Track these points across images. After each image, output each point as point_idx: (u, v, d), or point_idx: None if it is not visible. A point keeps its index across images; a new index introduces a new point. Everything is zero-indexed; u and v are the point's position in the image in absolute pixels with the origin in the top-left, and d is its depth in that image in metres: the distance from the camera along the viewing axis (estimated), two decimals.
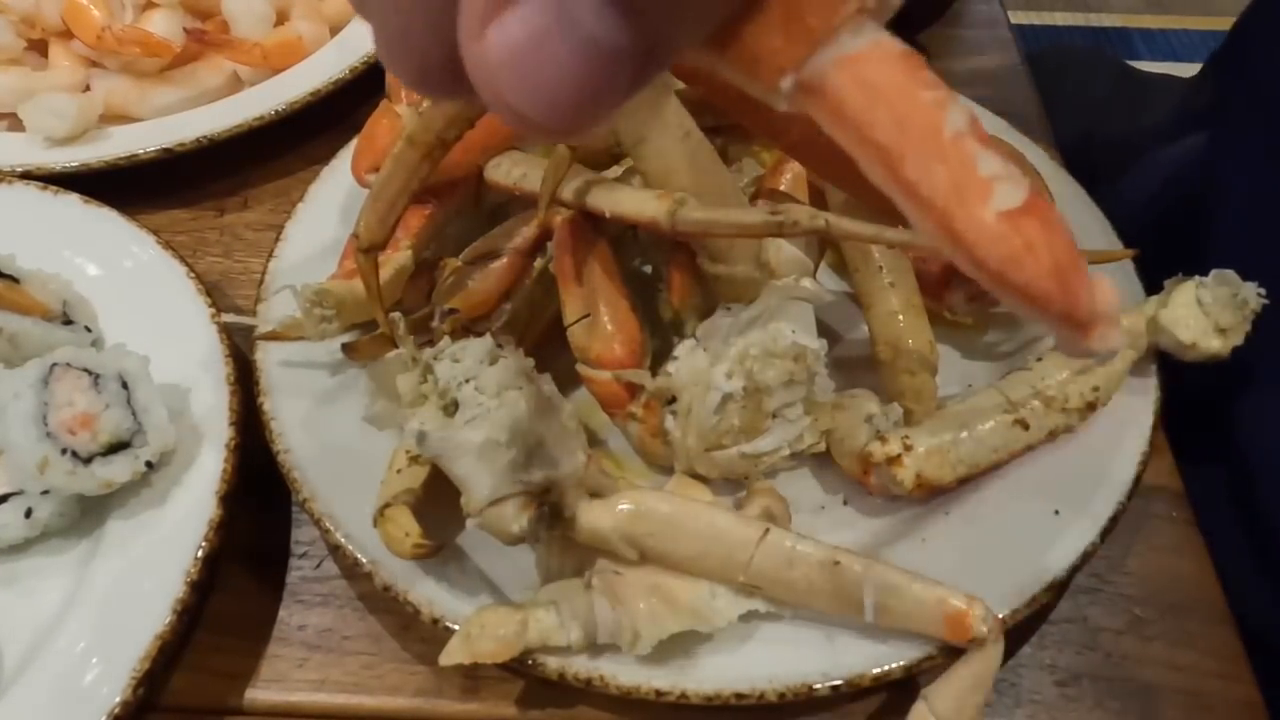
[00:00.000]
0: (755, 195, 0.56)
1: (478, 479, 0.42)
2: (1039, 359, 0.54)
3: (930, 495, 0.50)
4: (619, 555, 0.45)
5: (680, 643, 0.44)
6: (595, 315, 0.50)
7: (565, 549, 0.46)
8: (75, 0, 0.72)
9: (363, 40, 0.76)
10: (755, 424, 0.49)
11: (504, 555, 0.48)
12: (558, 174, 0.49)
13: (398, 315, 0.48)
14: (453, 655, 0.42)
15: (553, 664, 0.44)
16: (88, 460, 0.48)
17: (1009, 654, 0.48)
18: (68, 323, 0.56)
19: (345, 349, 0.53)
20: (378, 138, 0.59)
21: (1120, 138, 0.89)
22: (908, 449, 0.48)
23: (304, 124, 0.71)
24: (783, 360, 0.48)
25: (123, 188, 0.65)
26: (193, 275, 0.58)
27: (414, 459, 0.47)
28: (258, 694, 0.48)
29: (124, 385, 0.50)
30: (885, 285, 0.53)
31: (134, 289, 0.58)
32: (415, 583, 0.47)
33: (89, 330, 0.56)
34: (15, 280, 0.55)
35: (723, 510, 0.47)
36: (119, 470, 0.48)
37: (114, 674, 0.44)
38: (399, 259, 0.54)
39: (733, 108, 0.49)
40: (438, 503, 0.47)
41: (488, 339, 0.45)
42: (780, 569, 0.44)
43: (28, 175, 0.65)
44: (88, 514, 0.50)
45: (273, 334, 0.54)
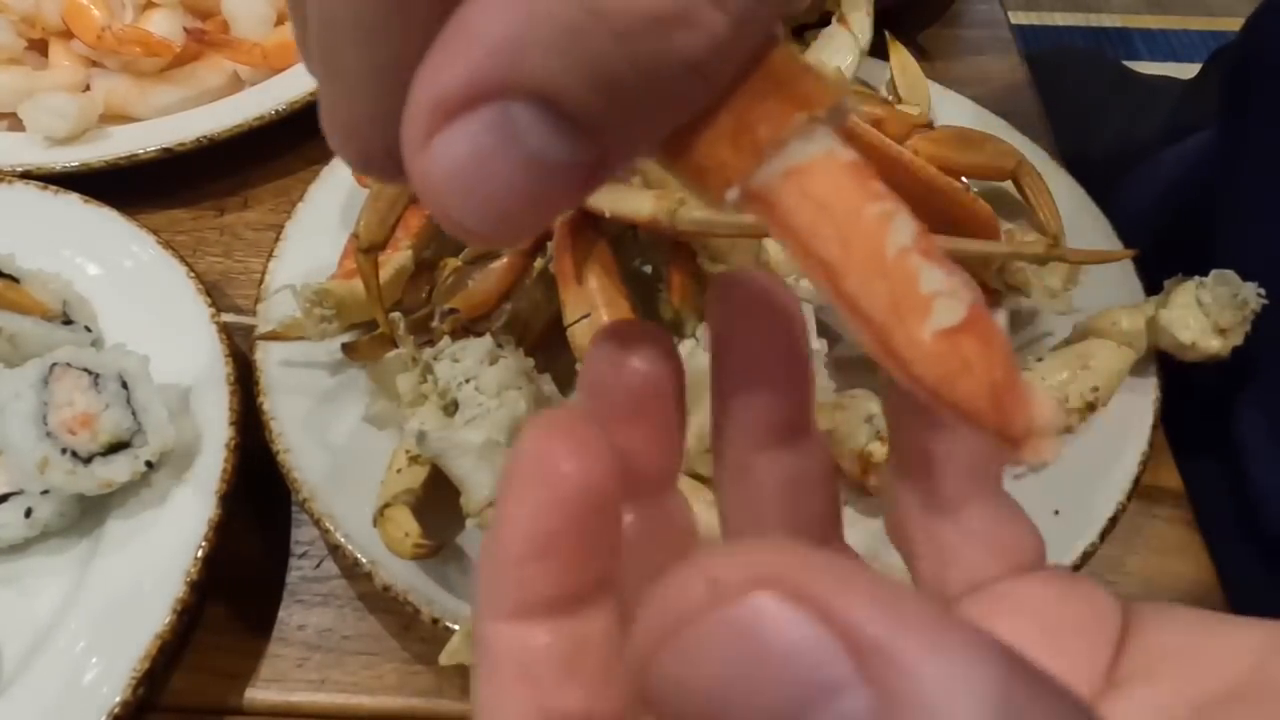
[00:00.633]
0: None
1: (478, 479, 0.42)
2: (1039, 359, 0.54)
3: None
4: None
5: None
6: (595, 315, 0.50)
7: None
8: (75, 0, 0.72)
9: None
10: None
11: None
12: None
13: (398, 315, 0.48)
14: (453, 655, 0.42)
15: None
16: (88, 460, 0.48)
17: None
18: (68, 323, 0.56)
19: (345, 349, 0.53)
20: None
21: (1120, 138, 0.89)
22: None
23: (304, 124, 0.71)
24: None
25: (123, 188, 0.65)
26: (193, 275, 0.58)
27: (414, 459, 0.47)
28: (258, 694, 0.48)
29: (124, 385, 0.50)
30: None
31: (134, 289, 0.58)
32: (415, 583, 0.47)
33: (89, 330, 0.56)
34: (15, 280, 0.55)
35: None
36: (119, 470, 0.48)
37: (114, 674, 0.44)
38: (399, 259, 0.54)
39: None
40: (438, 503, 0.47)
41: (488, 339, 0.45)
42: None
43: (28, 175, 0.65)
44: (88, 514, 0.50)
45: (273, 334, 0.54)
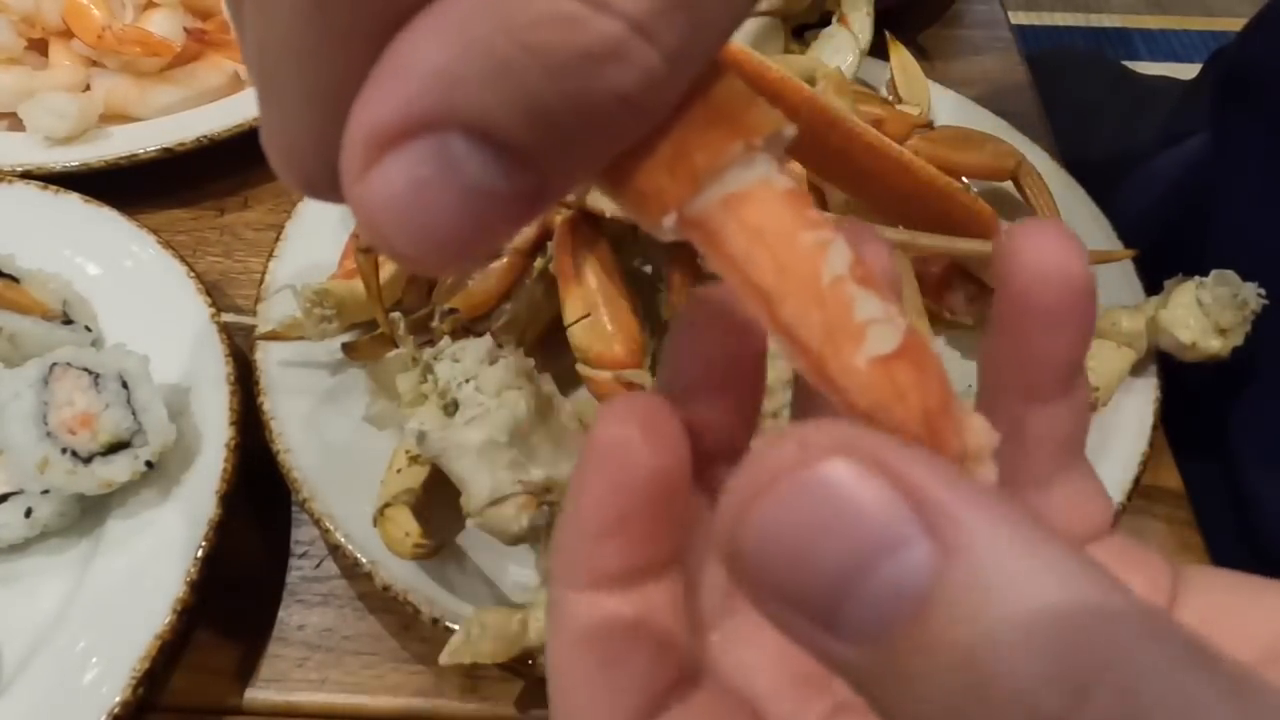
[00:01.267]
0: None
1: (478, 479, 0.42)
2: None
3: None
4: None
5: None
6: (595, 315, 0.50)
7: None
8: (75, 0, 0.72)
9: None
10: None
11: (504, 555, 0.48)
12: None
13: (398, 315, 0.48)
14: (453, 655, 0.42)
15: None
16: (88, 460, 0.48)
17: None
18: (68, 322, 0.56)
19: (345, 349, 0.53)
20: None
21: (1119, 139, 0.89)
22: None
23: None
24: (782, 360, 0.48)
25: (123, 188, 0.65)
26: (193, 275, 0.58)
27: (414, 459, 0.47)
28: (257, 694, 0.48)
29: (124, 385, 0.50)
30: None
31: (134, 289, 0.58)
32: (415, 583, 0.47)
33: (89, 330, 0.56)
34: (15, 280, 0.55)
35: None
36: (119, 470, 0.48)
37: (114, 673, 0.44)
38: None
39: None
40: (438, 503, 0.47)
41: (488, 339, 0.45)
42: None
43: (28, 175, 0.65)
44: (88, 514, 0.50)
45: (273, 334, 0.54)
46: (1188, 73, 0.95)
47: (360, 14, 0.15)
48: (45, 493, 0.49)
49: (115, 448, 0.49)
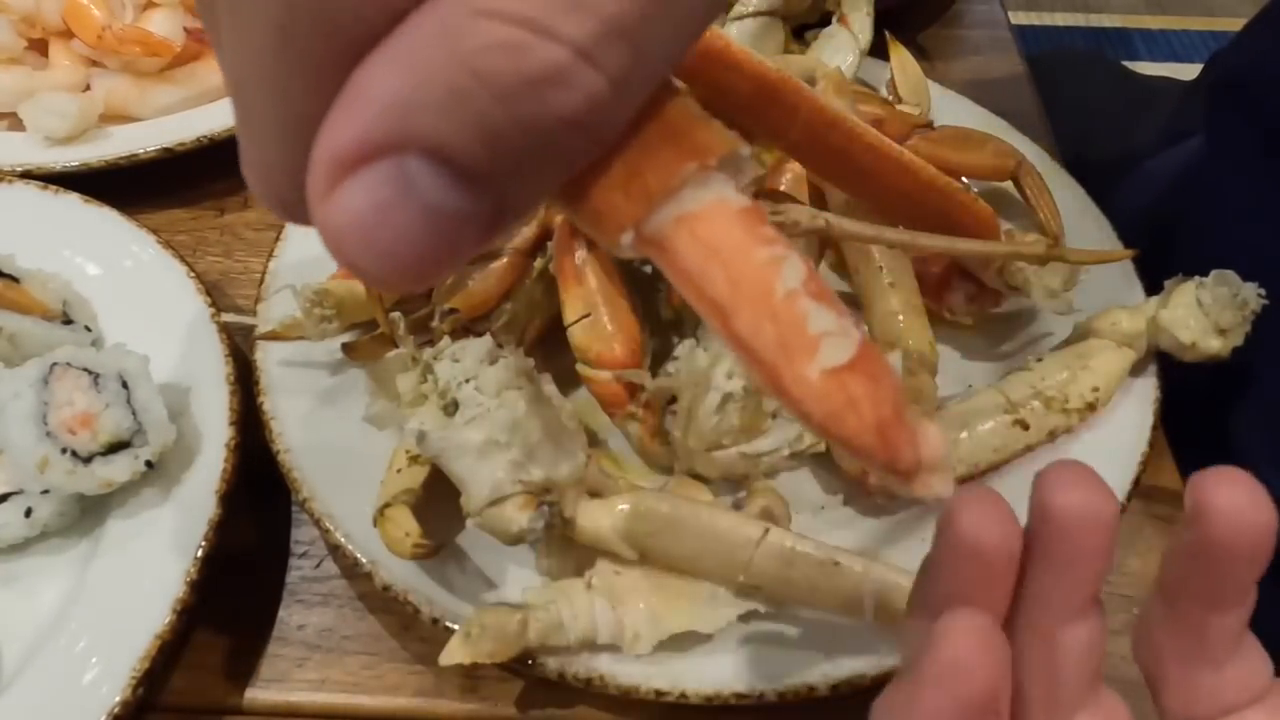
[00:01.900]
0: (755, 195, 0.56)
1: (478, 479, 0.42)
2: (1039, 359, 0.54)
3: None
4: (619, 555, 0.45)
5: (680, 643, 0.44)
6: (595, 315, 0.50)
7: (565, 549, 0.46)
8: (75, 0, 0.72)
9: None
10: (755, 424, 0.49)
11: (504, 555, 0.48)
12: None
13: (398, 315, 0.48)
14: (453, 655, 0.42)
15: (553, 664, 0.44)
16: (88, 460, 0.48)
17: None
18: (68, 322, 0.56)
19: (345, 349, 0.53)
20: None
21: (1120, 139, 0.89)
22: None
23: None
24: None
25: (123, 188, 0.65)
26: (193, 275, 0.58)
27: (414, 459, 0.47)
28: (257, 694, 0.48)
29: (124, 385, 0.50)
30: (885, 285, 0.53)
31: (134, 289, 0.58)
32: (415, 583, 0.47)
33: (89, 330, 0.56)
34: (15, 280, 0.55)
35: (723, 510, 0.47)
36: (119, 470, 0.48)
37: (114, 673, 0.44)
38: None
39: (733, 108, 0.49)
40: (438, 503, 0.47)
41: (488, 339, 0.45)
42: (780, 569, 0.44)
43: (28, 175, 0.65)
44: (88, 514, 0.50)
45: (273, 334, 0.54)
46: (1188, 73, 0.95)
47: (323, 47, 0.15)
48: (45, 493, 0.49)
49: (115, 448, 0.49)
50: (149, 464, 0.49)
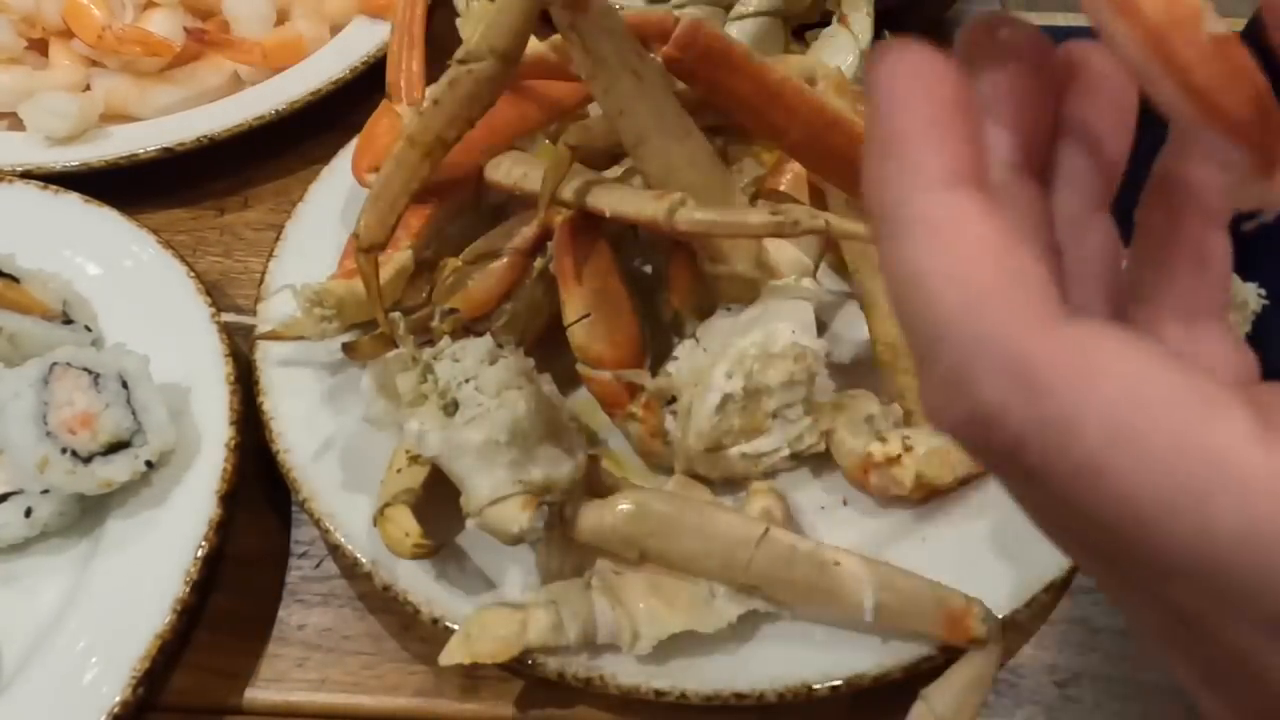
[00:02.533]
0: (755, 195, 0.56)
1: (478, 479, 0.42)
2: None
3: (930, 496, 0.50)
4: (619, 555, 0.45)
5: (680, 643, 0.44)
6: (595, 315, 0.50)
7: (565, 549, 0.46)
8: (75, 0, 0.72)
9: (363, 40, 0.76)
10: (755, 424, 0.49)
11: (504, 555, 0.48)
12: (558, 174, 0.49)
13: (398, 315, 0.48)
14: (453, 655, 0.42)
15: (553, 664, 0.44)
16: (87, 460, 0.48)
17: (1009, 654, 0.48)
18: (68, 322, 0.56)
19: (345, 349, 0.53)
20: (378, 138, 0.59)
21: None
22: (908, 449, 0.48)
23: (304, 124, 0.71)
24: (782, 360, 0.48)
25: (123, 188, 0.65)
26: (193, 275, 0.58)
27: (414, 459, 0.47)
28: (257, 693, 0.48)
29: (124, 385, 0.50)
30: (885, 286, 0.52)
31: (134, 289, 0.58)
32: (415, 583, 0.47)
33: (89, 330, 0.56)
34: (15, 280, 0.55)
35: (723, 510, 0.47)
36: (119, 470, 0.48)
37: (114, 673, 0.44)
38: (399, 259, 0.54)
39: (733, 108, 0.49)
40: (438, 503, 0.47)
41: (488, 339, 0.45)
42: (780, 569, 0.44)
43: (28, 175, 0.65)
44: (88, 513, 0.50)
45: (273, 334, 0.54)
46: None
47: None
48: (45, 492, 0.49)
49: (115, 447, 0.49)
50: (149, 464, 0.49)
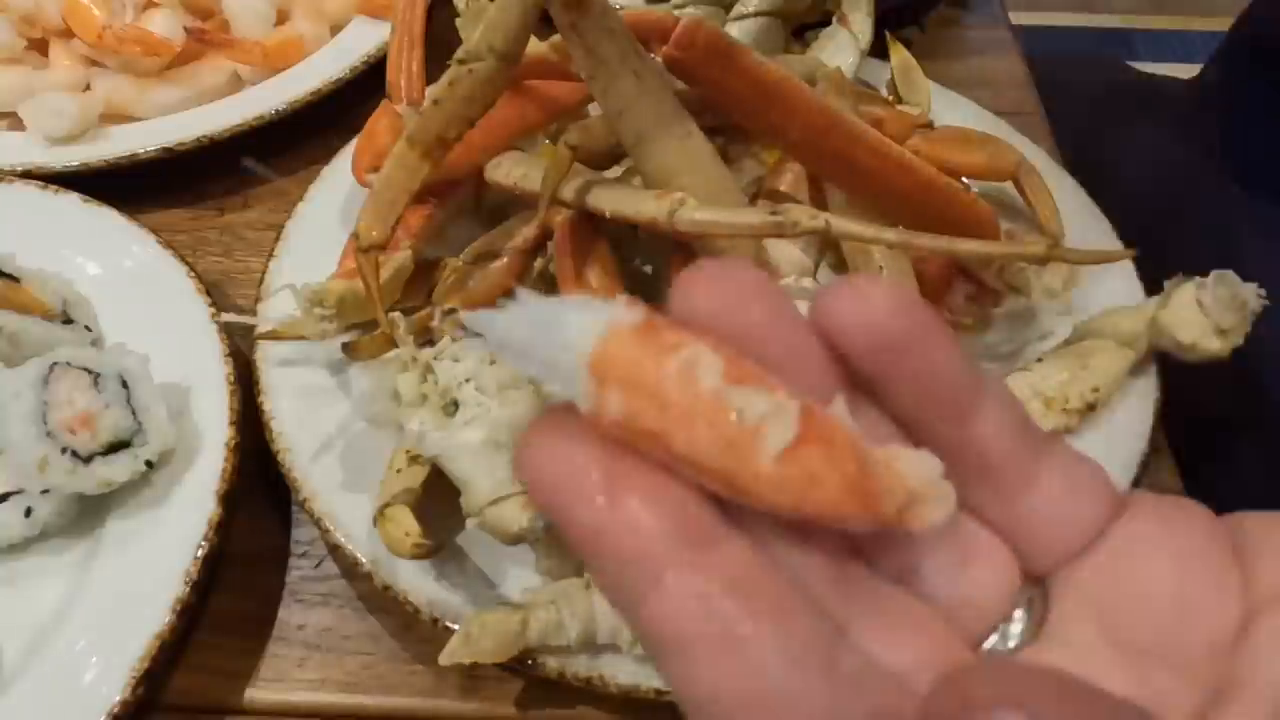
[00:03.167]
0: (755, 195, 0.56)
1: (478, 479, 0.42)
2: (1039, 360, 0.54)
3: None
4: None
5: None
6: None
7: (565, 549, 0.46)
8: (75, 0, 0.72)
9: (363, 40, 0.76)
10: None
11: (504, 555, 0.48)
12: (558, 174, 0.49)
13: (398, 315, 0.48)
14: (453, 655, 0.42)
15: (553, 664, 0.44)
16: (87, 459, 0.48)
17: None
18: (68, 322, 0.56)
19: (345, 349, 0.53)
20: (378, 138, 0.59)
21: (1121, 138, 0.89)
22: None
23: (304, 124, 0.71)
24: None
25: (123, 187, 0.65)
26: (193, 275, 0.58)
27: (414, 459, 0.47)
28: (257, 693, 0.48)
29: (124, 385, 0.50)
30: None
31: (134, 289, 0.58)
32: (415, 583, 0.47)
33: (89, 329, 0.56)
34: (15, 279, 0.55)
35: None
36: (119, 470, 0.48)
37: (114, 673, 0.44)
38: (399, 259, 0.54)
39: (733, 108, 0.49)
40: (438, 503, 0.47)
41: None
42: None
43: (28, 175, 0.65)
44: (87, 513, 0.50)
45: (273, 334, 0.54)
46: (1188, 73, 0.95)
47: None
48: (45, 492, 0.49)
49: (115, 447, 0.49)
50: (149, 464, 0.49)
